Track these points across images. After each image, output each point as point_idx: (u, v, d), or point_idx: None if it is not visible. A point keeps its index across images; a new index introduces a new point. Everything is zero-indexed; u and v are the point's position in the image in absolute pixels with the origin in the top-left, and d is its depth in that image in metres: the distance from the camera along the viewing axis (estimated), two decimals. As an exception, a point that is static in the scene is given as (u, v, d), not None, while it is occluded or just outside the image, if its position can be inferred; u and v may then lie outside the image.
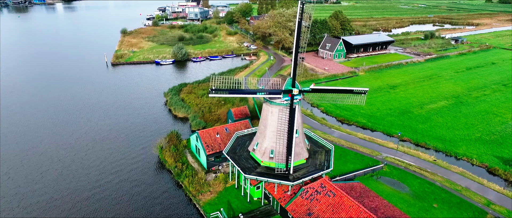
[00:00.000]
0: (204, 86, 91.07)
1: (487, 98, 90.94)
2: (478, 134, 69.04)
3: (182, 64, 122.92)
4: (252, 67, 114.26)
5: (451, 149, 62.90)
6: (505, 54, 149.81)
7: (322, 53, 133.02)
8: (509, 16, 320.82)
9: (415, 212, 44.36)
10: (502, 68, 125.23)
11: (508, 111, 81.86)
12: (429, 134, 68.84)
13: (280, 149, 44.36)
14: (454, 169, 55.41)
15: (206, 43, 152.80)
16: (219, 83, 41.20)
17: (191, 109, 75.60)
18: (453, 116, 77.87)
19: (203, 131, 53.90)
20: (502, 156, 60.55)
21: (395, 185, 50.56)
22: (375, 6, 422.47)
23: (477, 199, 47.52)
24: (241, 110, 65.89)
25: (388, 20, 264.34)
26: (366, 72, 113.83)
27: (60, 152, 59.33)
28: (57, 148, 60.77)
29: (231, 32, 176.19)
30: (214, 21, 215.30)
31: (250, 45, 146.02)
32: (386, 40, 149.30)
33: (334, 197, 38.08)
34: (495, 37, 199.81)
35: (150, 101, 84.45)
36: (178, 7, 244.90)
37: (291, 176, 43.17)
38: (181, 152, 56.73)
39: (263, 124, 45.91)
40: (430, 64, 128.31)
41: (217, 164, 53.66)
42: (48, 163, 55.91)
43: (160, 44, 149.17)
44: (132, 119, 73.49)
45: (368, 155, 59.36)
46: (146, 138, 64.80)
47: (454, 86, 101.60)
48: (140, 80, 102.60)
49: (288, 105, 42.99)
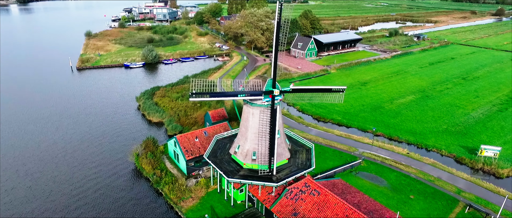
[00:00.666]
0: (178, 89, 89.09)
1: (449, 92, 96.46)
2: (444, 126, 73.00)
3: (153, 66, 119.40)
4: (226, 68, 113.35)
5: (421, 141, 66.01)
6: (462, 50, 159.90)
7: (294, 52, 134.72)
8: (463, 13, 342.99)
9: (394, 205, 46.00)
10: (460, 62, 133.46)
11: (469, 103, 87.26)
12: (400, 128, 71.81)
13: (262, 151, 44.23)
14: (426, 161, 58.15)
15: (177, 45, 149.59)
16: (199, 86, 40.22)
17: (166, 113, 73.59)
18: (421, 110, 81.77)
19: (181, 136, 52.58)
20: (467, 145, 64.41)
21: (373, 179, 52.19)
22: (341, 5, 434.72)
23: (448, 188, 50.19)
24: (218, 112, 65.07)
25: (354, 19, 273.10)
26: (337, 70, 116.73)
27: (27, 165, 55.40)
28: (23, 161, 56.69)
29: (202, 33, 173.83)
30: (184, 22, 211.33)
31: (222, 46, 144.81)
32: (355, 38, 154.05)
33: (319, 195, 38.56)
34: (452, 33, 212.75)
35: (122, 107, 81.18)
36: (145, 8, 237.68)
37: (275, 177, 43.17)
38: (159, 158, 54.98)
39: (244, 126, 45.56)
40: (396, 60, 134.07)
41: (197, 169, 52.60)
42: (14, 178, 52.00)
43: (129, 46, 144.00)
44: (105, 126, 70.24)
45: (346, 151, 60.84)
46: (121, 145, 62.18)
47: (419, 81, 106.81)
48: (110, 84, 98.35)
49: (269, 106, 42.94)
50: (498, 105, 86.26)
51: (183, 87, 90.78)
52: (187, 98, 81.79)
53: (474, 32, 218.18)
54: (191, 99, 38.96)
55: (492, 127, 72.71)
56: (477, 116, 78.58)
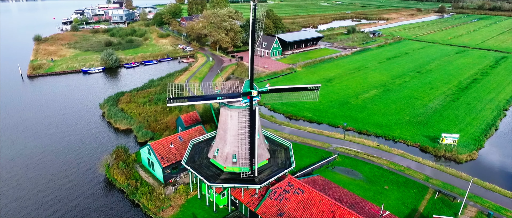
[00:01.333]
0: (144, 93, 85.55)
1: (407, 85, 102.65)
2: (407, 118, 77.50)
3: (113, 71, 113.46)
4: (192, 70, 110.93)
5: (388, 133, 69.49)
6: (414, 45, 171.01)
7: (259, 52, 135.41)
8: (410, 11, 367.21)
9: (371, 196, 47.92)
10: (414, 57, 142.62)
11: (425, 95, 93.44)
12: (368, 121, 75.01)
13: (242, 153, 43.83)
14: (394, 152, 61.31)
15: (138, 47, 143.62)
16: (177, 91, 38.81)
17: (134, 120, 70.30)
18: (384, 103, 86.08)
19: (155, 143, 50.48)
20: (428, 135, 68.92)
21: (349, 173, 53.97)
22: (299, 4, 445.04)
23: (417, 176, 53.34)
24: (191, 116, 63.46)
25: (313, 17, 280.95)
26: (303, 68, 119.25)
27: None
28: None
29: (163, 34, 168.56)
30: (142, 24, 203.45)
31: (185, 47, 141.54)
32: (316, 36, 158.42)
33: (303, 194, 39.02)
34: (403, 29, 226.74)
35: (84, 115, 76.14)
36: (100, 10, 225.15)
37: (257, 179, 42.99)
38: (132, 167, 52.35)
39: (222, 129, 44.82)
40: (356, 57, 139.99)
41: (174, 176, 50.86)
42: (-36, 201, 46.62)
43: (85, 50, 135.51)
44: (68, 137, 65.36)
45: (320, 147, 62.29)
46: (88, 157, 58.24)
47: (379, 75, 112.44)
48: (68, 92, 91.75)
49: (247, 107, 42.64)
50: (450, 95, 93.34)
51: (149, 91, 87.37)
52: (155, 102, 78.97)
53: (422, 28, 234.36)
54: (169, 104, 37.51)
55: (448, 116, 78.48)
56: (434, 106, 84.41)
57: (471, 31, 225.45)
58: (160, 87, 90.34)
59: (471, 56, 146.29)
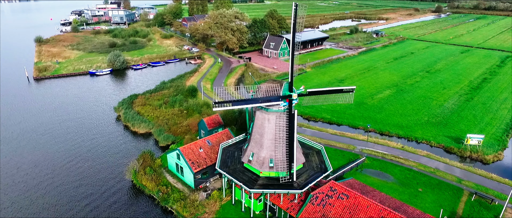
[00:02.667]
0: (158, 95, 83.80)
1: (419, 85, 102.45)
2: (425, 118, 77.08)
3: (121, 73, 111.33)
4: (202, 71, 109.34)
5: (410, 134, 68.94)
6: (418, 44, 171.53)
7: (266, 52, 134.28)
8: (407, 11, 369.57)
9: (407, 199, 47.13)
10: (420, 57, 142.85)
11: (439, 95, 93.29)
12: (387, 122, 74.38)
13: (280, 157, 42.71)
14: (420, 153, 60.69)
15: (142, 48, 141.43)
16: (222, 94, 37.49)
17: (152, 123, 68.61)
18: (400, 104, 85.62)
19: (184, 148, 49.04)
20: (450, 135, 68.53)
21: (380, 176, 53.16)
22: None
23: (449, 177, 52.74)
24: (214, 119, 62.08)
25: (313, 17, 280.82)
26: (312, 68, 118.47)
27: (9, 195, 47.83)
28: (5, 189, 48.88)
29: (167, 35, 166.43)
30: (143, 24, 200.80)
31: (191, 48, 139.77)
32: (322, 36, 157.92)
33: (348, 199, 38.02)
34: (404, 29, 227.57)
35: (100, 118, 74.19)
36: (99, 10, 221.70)
37: (296, 183, 41.92)
38: (160, 173, 50.82)
39: (258, 133, 43.61)
40: (363, 57, 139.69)
41: (204, 181, 49.50)
42: (-12, 211, 44.66)
43: (89, 52, 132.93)
44: (88, 142, 63.39)
45: (345, 149, 61.42)
46: (112, 162, 56.46)
47: (390, 75, 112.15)
48: (79, 94, 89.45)
49: (286, 110, 41.56)
50: (464, 95, 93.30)
51: (163, 93, 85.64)
52: (171, 105, 77.38)
53: (422, 28, 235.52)
54: (214, 109, 36.27)
55: (466, 116, 78.24)
56: (450, 107, 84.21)
57: (471, 30, 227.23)
58: (172, 89, 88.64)
59: (476, 55, 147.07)
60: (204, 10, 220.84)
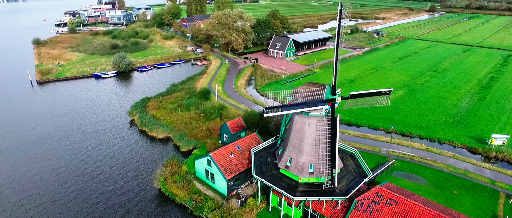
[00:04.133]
0: (171, 98, 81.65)
1: (430, 84, 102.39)
2: (443, 118, 76.74)
3: (126, 75, 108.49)
4: (210, 73, 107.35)
5: (432, 135, 68.40)
6: (420, 44, 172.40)
7: (272, 53, 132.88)
8: (402, 10, 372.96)
9: (444, 202, 46.27)
10: (424, 56, 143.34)
11: (452, 94, 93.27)
12: (407, 123, 73.74)
13: (320, 162, 41.32)
14: (446, 154, 60.09)
15: (145, 50, 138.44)
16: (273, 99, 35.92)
17: (171, 127, 66.49)
18: (415, 104, 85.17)
19: (215, 153, 47.29)
20: (472, 135, 68.23)
21: (412, 178, 52.30)
22: (291, 4, 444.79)
23: (481, 179, 52.17)
24: (236, 122, 60.41)
25: (311, 17, 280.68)
26: (320, 69, 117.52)
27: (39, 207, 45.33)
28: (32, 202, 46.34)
29: (168, 36, 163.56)
30: (142, 25, 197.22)
31: (195, 49, 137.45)
32: (326, 36, 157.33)
33: (398, 205, 36.88)
34: (402, 29, 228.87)
35: (115, 123, 71.63)
36: (95, 11, 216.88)
37: (337, 189, 40.63)
38: (190, 181, 48.92)
39: (297, 138, 42.14)
40: (369, 57, 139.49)
41: (236, 188, 47.82)
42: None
43: (90, 54, 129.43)
44: (110, 148, 60.86)
45: (371, 152, 60.43)
46: (137, 170, 54.27)
47: (399, 75, 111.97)
48: (88, 97, 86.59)
49: (327, 115, 40.24)
50: (476, 94, 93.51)
51: (175, 96, 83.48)
52: (186, 108, 75.33)
53: (420, 27, 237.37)
54: (265, 115, 34.72)
55: (483, 116, 78.17)
56: (465, 106, 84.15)
57: (467, 29, 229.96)
58: (184, 91, 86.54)
59: (479, 54, 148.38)
60: (203, 10, 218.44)
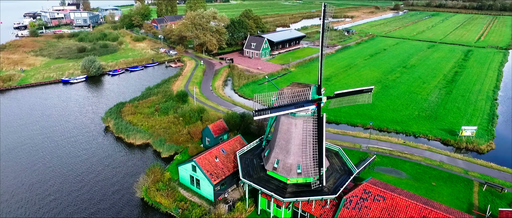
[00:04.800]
0: (147, 103, 79.00)
1: (401, 80, 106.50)
2: (416, 113, 80.00)
3: (97, 79, 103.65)
4: (186, 75, 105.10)
5: (407, 129, 71.05)
6: (387, 41, 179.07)
7: (248, 53, 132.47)
8: (369, 9, 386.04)
9: (425, 194, 48.07)
10: (393, 53, 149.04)
11: (421, 89, 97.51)
12: (382, 118, 76.11)
13: (307, 162, 41.46)
14: (422, 147, 62.62)
15: (115, 52, 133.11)
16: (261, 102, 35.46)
17: (149, 133, 64.20)
18: (389, 100, 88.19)
19: (200, 158, 46.16)
20: (443, 128, 71.63)
21: (393, 173, 53.94)
22: (261, 3, 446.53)
23: (456, 169, 54.82)
24: (218, 125, 59.40)
25: (282, 16, 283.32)
26: (296, 68, 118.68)
27: None
28: None
29: (139, 38, 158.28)
30: (110, 27, 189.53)
31: (168, 51, 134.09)
32: (299, 35, 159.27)
33: (385, 200, 37.77)
34: (371, 27, 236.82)
35: (90, 131, 67.89)
36: (59, 13, 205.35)
37: (326, 188, 40.97)
38: (174, 188, 47.38)
39: (284, 139, 42.02)
40: (341, 55, 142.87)
41: (223, 192, 46.97)
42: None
43: (56, 58, 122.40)
44: (83, 159, 57.38)
45: (352, 148, 61.72)
46: (117, 180, 51.68)
47: (371, 72, 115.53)
48: (57, 105, 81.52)
49: (313, 114, 40.43)
50: (443, 88, 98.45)
51: (151, 100, 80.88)
52: (163, 112, 73.21)
53: (387, 25, 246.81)
54: (256, 117, 34.21)
55: (451, 109, 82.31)
56: (435, 100, 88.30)
57: (430, 27, 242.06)
58: (160, 95, 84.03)
59: (442, 50, 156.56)
60: (174, 10, 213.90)
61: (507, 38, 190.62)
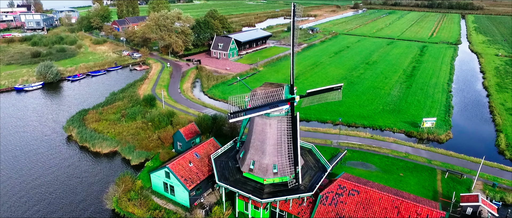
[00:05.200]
0: (113, 109, 75.59)
1: (364, 76, 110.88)
2: (381, 107, 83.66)
3: (55, 86, 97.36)
4: (152, 78, 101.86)
5: (373, 123, 74.05)
6: (350, 39, 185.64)
7: (215, 54, 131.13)
8: (331, 7, 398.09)
9: (394, 185, 50.33)
10: (356, 50, 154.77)
11: (384, 84, 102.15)
12: (350, 114, 78.73)
13: (283, 162, 41.80)
14: (388, 140, 65.58)
15: (74, 57, 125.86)
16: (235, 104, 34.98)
17: (116, 140, 61.37)
18: (355, 95, 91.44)
19: (173, 164, 44.91)
20: (406, 120, 75.50)
21: (363, 166, 55.96)
22: (226, 3, 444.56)
23: (420, 159, 58.01)
24: (190, 128, 58.15)
25: (247, 16, 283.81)
26: (264, 67, 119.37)
27: None
28: None
29: (99, 40, 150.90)
30: (66, 29, 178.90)
31: (132, 54, 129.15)
32: (266, 35, 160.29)
33: (359, 194, 39.01)
34: (333, 25, 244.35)
35: (50, 142, 63.49)
36: (7, 15, 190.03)
37: (302, 186, 41.54)
38: (147, 196, 45.67)
39: (259, 140, 42.04)
40: (307, 53, 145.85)
41: (198, 197, 46.05)
42: None
43: (7, 64, 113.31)
44: (45, 172, 53.55)
45: (324, 145, 63.16)
46: (82, 193, 48.73)
47: (337, 69, 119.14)
48: (14, 114, 75.31)
49: (287, 114, 40.82)
50: (403, 83, 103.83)
51: (116, 105, 77.48)
52: (130, 118, 70.43)
53: (348, 23, 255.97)
54: (231, 120, 33.76)
55: (412, 102, 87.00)
56: (397, 94, 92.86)
57: (387, 24, 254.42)
58: (126, 100, 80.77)
59: (400, 46, 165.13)
60: (135, 12, 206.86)
61: (456, 34, 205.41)
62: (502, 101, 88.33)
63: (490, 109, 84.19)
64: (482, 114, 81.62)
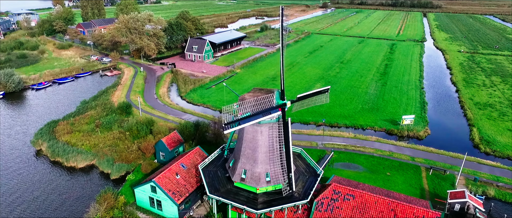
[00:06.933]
0: (85, 118, 70.91)
1: (341, 75, 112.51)
2: (360, 106, 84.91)
3: (18, 96, 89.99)
4: (125, 83, 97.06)
5: (355, 123, 74.85)
6: (323, 38, 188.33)
7: (190, 56, 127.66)
8: (300, 7, 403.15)
9: (382, 185, 50.84)
10: (329, 49, 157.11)
11: (361, 83, 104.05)
12: (331, 114, 79.08)
13: (276, 169, 40.69)
14: (371, 139, 66.49)
15: (36, 63, 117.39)
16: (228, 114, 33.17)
17: (93, 153, 57.32)
18: (334, 95, 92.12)
19: (160, 177, 42.37)
20: (385, 118, 77.08)
21: (351, 167, 56.12)
22: (195, 4, 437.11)
23: (404, 157, 59.15)
24: (172, 137, 55.52)
25: (219, 17, 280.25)
26: (241, 69, 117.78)
27: None
28: None
29: (64, 45, 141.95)
30: (26, 34, 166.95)
31: (101, 58, 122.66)
32: (240, 36, 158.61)
33: (355, 199, 38.68)
34: (305, 25, 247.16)
35: (17, 159, 58.00)
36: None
37: (295, 193, 40.63)
38: (131, 213, 42.73)
39: (250, 148, 40.62)
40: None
41: (187, 211, 43.82)
42: None
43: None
44: (15, 195, 48.77)
45: (310, 147, 62.80)
46: (59, 214, 44.74)
47: (313, 69, 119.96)
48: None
49: (278, 120, 39.73)
50: (379, 81, 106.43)
51: (89, 114, 72.80)
52: (106, 128, 66.33)
53: (319, 23, 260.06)
54: (226, 131, 31.97)
55: (389, 100, 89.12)
56: (373, 92, 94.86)
57: (356, 23, 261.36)
58: (100, 108, 76.14)
59: (371, 45, 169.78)
60: (101, 14, 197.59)
61: (421, 32, 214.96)
62: (470, 96, 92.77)
63: (461, 104, 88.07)
64: (454, 109, 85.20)
